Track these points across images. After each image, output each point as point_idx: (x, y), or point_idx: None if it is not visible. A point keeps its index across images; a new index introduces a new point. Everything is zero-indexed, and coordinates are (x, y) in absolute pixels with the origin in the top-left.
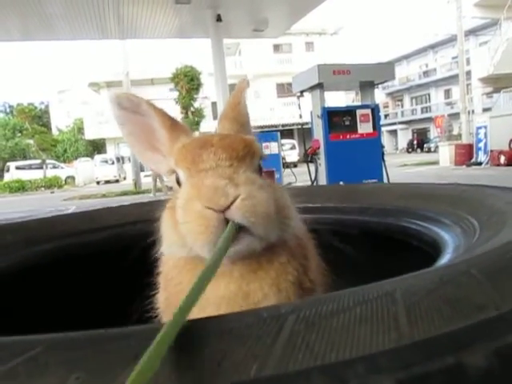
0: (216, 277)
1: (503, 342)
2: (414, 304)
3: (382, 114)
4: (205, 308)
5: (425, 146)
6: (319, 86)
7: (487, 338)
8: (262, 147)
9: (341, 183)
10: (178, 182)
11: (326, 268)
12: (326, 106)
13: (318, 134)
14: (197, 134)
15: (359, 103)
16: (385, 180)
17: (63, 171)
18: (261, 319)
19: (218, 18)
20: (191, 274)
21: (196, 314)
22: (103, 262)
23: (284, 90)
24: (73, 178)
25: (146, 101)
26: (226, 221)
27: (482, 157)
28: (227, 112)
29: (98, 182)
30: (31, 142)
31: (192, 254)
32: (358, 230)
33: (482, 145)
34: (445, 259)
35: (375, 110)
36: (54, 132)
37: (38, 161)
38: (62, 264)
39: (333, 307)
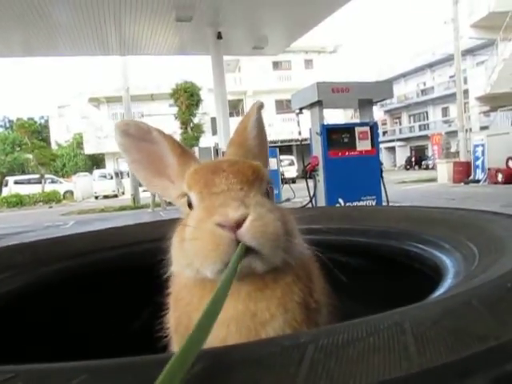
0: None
1: (502, 370)
2: (421, 334)
3: (380, 131)
4: (215, 328)
5: (423, 163)
6: (318, 104)
7: (488, 367)
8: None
9: (340, 200)
10: (190, 206)
11: (329, 290)
12: (325, 123)
13: (317, 150)
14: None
15: (357, 120)
16: (383, 197)
17: (62, 186)
18: (283, 348)
19: (219, 36)
20: (200, 295)
21: None
22: (113, 281)
23: (283, 106)
24: (71, 192)
25: (156, 128)
26: (237, 242)
27: (479, 174)
28: (234, 137)
29: (96, 197)
30: (30, 156)
31: (199, 276)
32: (359, 252)
33: (479, 163)
34: (446, 284)
35: (374, 127)
36: (54, 147)
37: (37, 175)
38: (73, 283)
39: (348, 337)
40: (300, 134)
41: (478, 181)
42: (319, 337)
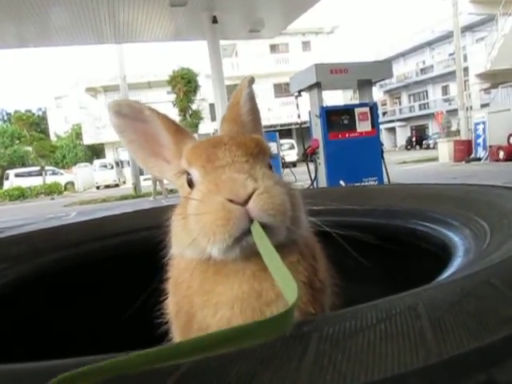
0: (229, 276)
1: None
2: (438, 319)
3: (380, 111)
4: (218, 310)
5: (423, 142)
6: (317, 86)
7: None
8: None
9: (341, 182)
10: (190, 184)
11: (333, 270)
12: (324, 105)
13: (317, 133)
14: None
15: (357, 101)
16: (385, 178)
17: (62, 177)
18: (284, 339)
19: (214, 20)
20: (202, 277)
21: (210, 316)
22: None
23: (281, 89)
24: (72, 183)
25: (149, 107)
26: (248, 216)
27: (481, 152)
28: (227, 114)
29: (97, 187)
30: (30, 149)
31: (205, 256)
32: (364, 232)
33: (480, 140)
34: (456, 263)
35: (373, 108)
36: (53, 138)
37: (37, 168)
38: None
39: (356, 324)
40: (299, 117)
41: (479, 159)
42: (324, 325)
